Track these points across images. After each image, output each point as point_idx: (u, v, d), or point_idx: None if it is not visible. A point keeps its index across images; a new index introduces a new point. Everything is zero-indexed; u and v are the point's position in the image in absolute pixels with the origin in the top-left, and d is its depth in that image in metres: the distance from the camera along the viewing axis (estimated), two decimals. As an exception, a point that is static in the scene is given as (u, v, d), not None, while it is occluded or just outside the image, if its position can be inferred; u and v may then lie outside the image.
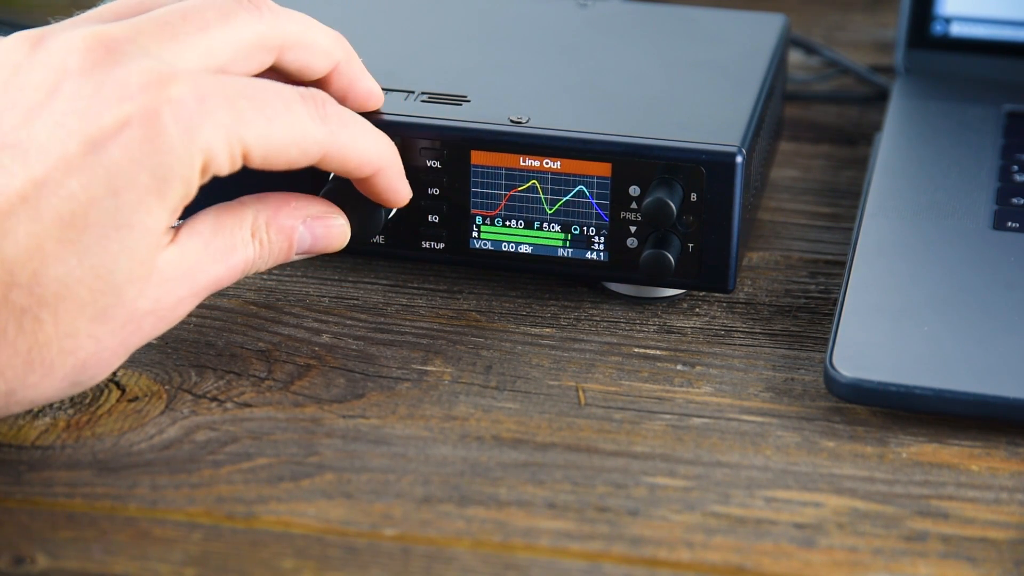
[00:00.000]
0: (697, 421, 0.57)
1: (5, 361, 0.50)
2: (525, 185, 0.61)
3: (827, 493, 0.54)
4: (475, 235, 0.62)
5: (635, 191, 0.61)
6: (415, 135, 0.61)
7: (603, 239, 0.62)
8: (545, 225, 0.62)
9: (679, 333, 0.62)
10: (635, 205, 0.61)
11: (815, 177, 0.75)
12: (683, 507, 0.53)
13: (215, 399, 0.58)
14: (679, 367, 0.61)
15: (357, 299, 0.64)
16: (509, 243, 0.62)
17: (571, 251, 0.62)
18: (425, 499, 0.53)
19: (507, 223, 0.62)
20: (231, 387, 0.59)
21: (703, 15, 0.73)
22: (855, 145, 0.78)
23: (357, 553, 0.51)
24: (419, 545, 0.51)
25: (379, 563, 0.50)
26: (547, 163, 0.61)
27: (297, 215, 0.57)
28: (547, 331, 0.62)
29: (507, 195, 0.62)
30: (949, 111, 0.74)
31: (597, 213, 0.61)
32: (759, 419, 0.57)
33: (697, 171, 0.60)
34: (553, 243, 0.62)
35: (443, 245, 0.63)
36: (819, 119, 0.81)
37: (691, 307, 0.64)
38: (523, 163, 0.61)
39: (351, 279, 0.66)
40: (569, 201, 0.61)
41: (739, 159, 0.60)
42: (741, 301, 0.65)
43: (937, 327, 0.59)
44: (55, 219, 0.50)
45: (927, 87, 0.76)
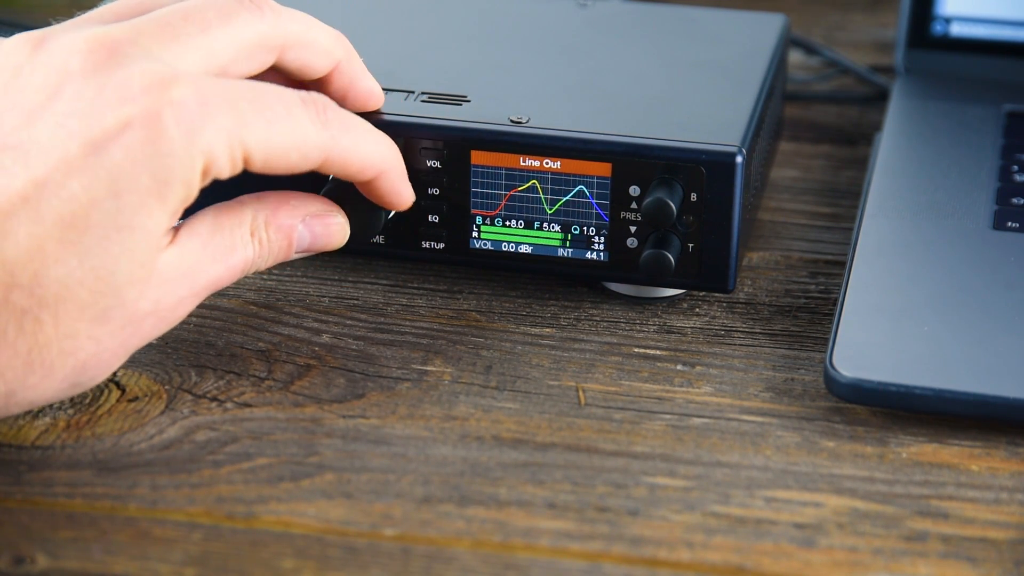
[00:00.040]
0: (697, 421, 0.57)
1: (5, 362, 0.50)
2: (525, 185, 0.61)
3: (827, 493, 0.54)
4: (475, 235, 0.62)
5: (635, 191, 0.61)
6: (415, 135, 0.61)
7: (603, 239, 0.62)
8: (545, 225, 0.62)
9: (679, 333, 0.62)
10: (635, 205, 0.61)
11: (815, 177, 0.75)
12: (683, 507, 0.53)
13: (215, 399, 0.58)
14: (679, 367, 0.61)
15: (357, 299, 0.64)
16: (509, 243, 0.62)
17: (571, 251, 0.62)
18: (425, 499, 0.53)
19: (507, 223, 0.62)
20: (231, 387, 0.59)
21: (703, 15, 0.73)
22: (855, 145, 0.78)
23: (357, 553, 0.51)
24: (419, 545, 0.51)
25: (379, 563, 0.50)
26: (547, 163, 0.61)
27: (296, 214, 0.57)
28: (547, 331, 0.62)
29: (507, 195, 0.62)
30: (949, 111, 0.74)
31: (597, 213, 0.61)
32: (759, 419, 0.57)
33: (697, 171, 0.60)
34: (553, 243, 0.62)
35: (443, 245, 0.63)
36: (819, 119, 0.81)
37: (691, 307, 0.64)
38: (523, 163, 0.61)
39: (351, 279, 0.66)
40: (569, 201, 0.61)
41: (739, 159, 0.60)
42: (741, 301, 0.65)
43: (937, 327, 0.59)
44: (56, 220, 0.50)
45: (927, 87, 0.76)
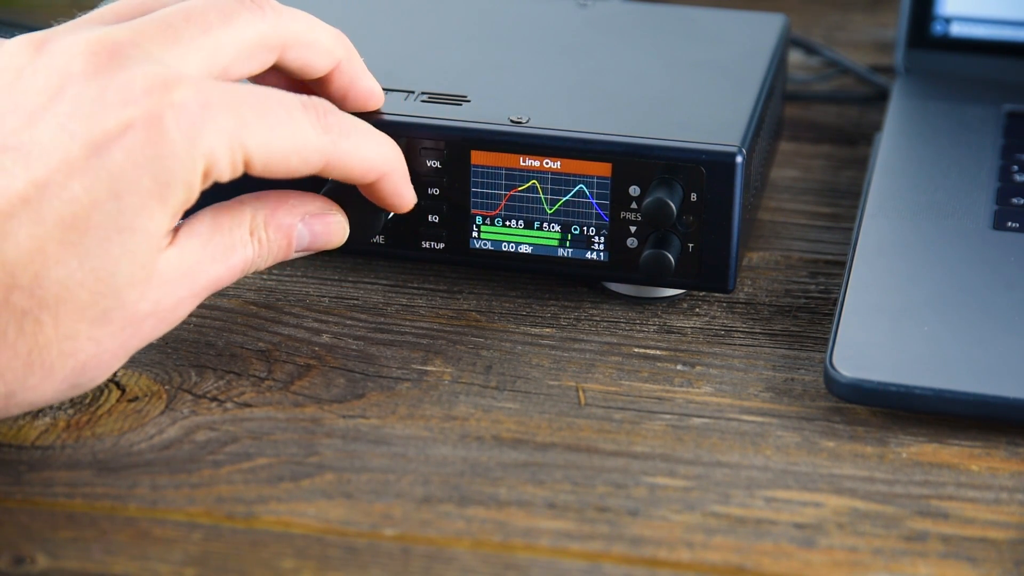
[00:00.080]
0: (697, 421, 0.57)
1: (5, 363, 0.50)
2: (525, 185, 0.61)
3: (827, 493, 0.54)
4: (475, 235, 0.62)
5: (635, 191, 0.61)
6: (415, 135, 0.61)
7: (603, 239, 0.62)
8: (545, 225, 0.62)
9: (679, 333, 0.62)
10: (635, 205, 0.61)
11: (815, 177, 0.75)
12: (683, 507, 0.53)
13: (215, 399, 0.58)
14: (679, 367, 0.60)
15: (357, 299, 0.64)
16: (509, 243, 0.62)
17: (571, 251, 0.62)
18: (425, 499, 0.53)
19: (507, 223, 0.62)
20: (231, 387, 0.59)
21: (703, 15, 0.73)
22: (855, 145, 0.78)
23: (357, 553, 0.51)
24: (419, 545, 0.51)
25: (379, 563, 0.50)
26: (547, 163, 0.61)
27: (295, 213, 0.57)
28: (547, 331, 0.62)
29: (507, 195, 0.62)
30: (949, 111, 0.74)
31: (597, 213, 0.61)
32: (759, 419, 0.57)
33: (697, 171, 0.60)
34: (553, 243, 0.62)
35: (443, 245, 0.63)
36: (819, 119, 0.81)
37: (691, 307, 0.64)
38: (523, 163, 0.61)
39: (351, 279, 0.66)
40: (569, 201, 0.61)
41: (739, 159, 0.60)
42: (741, 301, 0.65)
43: (937, 327, 0.59)
44: (57, 221, 0.50)
45: (927, 87, 0.76)
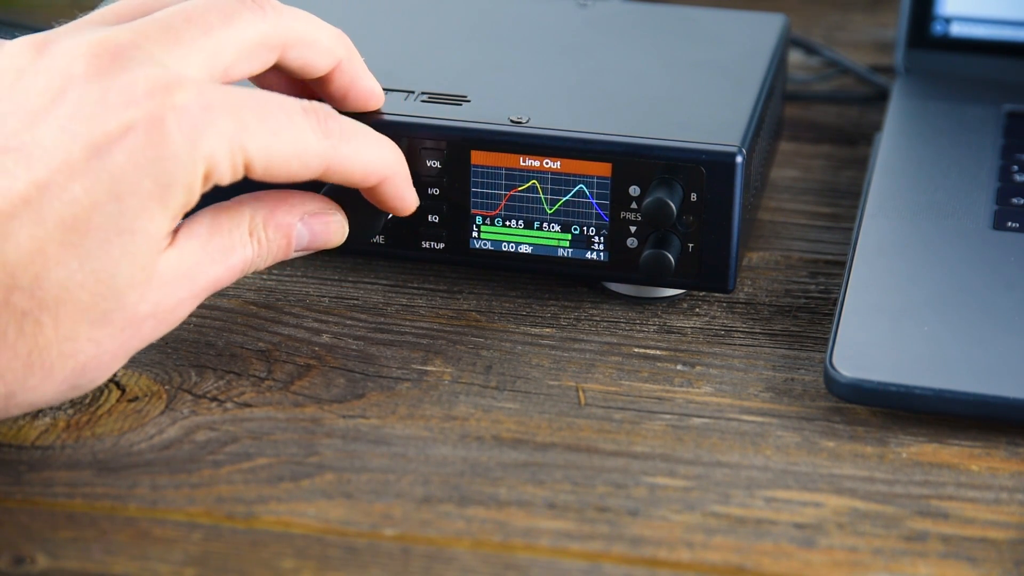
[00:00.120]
0: (697, 421, 0.57)
1: (5, 364, 0.50)
2: (525, 185, 0.61)
3: (827, 493, 0.54)
4: (475, 235, 0.62)
5: (635, 191, 0.61)
6: (415, 135, 0.61)
7: (603, 239, 0.62)
8: (545, 225, 0.62)
9: (679, 333, 0.62)
10: (635, 205, 0.61)
11: (815, 177, 0.75)
12: (683, 507, 0.53)
13: (215, 399, 0.58)
14: (679, 367, 0.60)
15: (357, 299, 0.64)
16: (509, 243, 0.62)
17: (571, 251, 0.62)
18: (425, 499, 0.53)
19: (507, 223, 0.62)
20: (231, 387, 0.59)
21: (703, 15, 0.73)
22: (855, 145, 0.78)
23: (357, 553, 0.51)
24: (419, 545, 0.51)
25: (379, 563, 0.50)
26: (547, 163, 0.61)
27: (294, 212, 0.57)
28: (547, 331, 0.62)
29: (507, 195, 0.62)
30: (949, 111, 0.74)
31: (597, 213, 0.61)
32: (759, 419, 0.57)
33: (697, 171, 0.60)
34: (553, 243, 0.62)
35: (443, 245, 0.63)
36: (819, 119, 0.81)
37: (691, 307, 0.64)
38: (523, 163, 0.61)
39: (351, 279, 0.66)
40: (569, 201, 0.61)
41: (739, 159, 0.60)
42: (741, 301, 0.65)
43: (937, 327, 0.59)
44: (57, 223, 0.50)
45: (927, 87, 0.76)
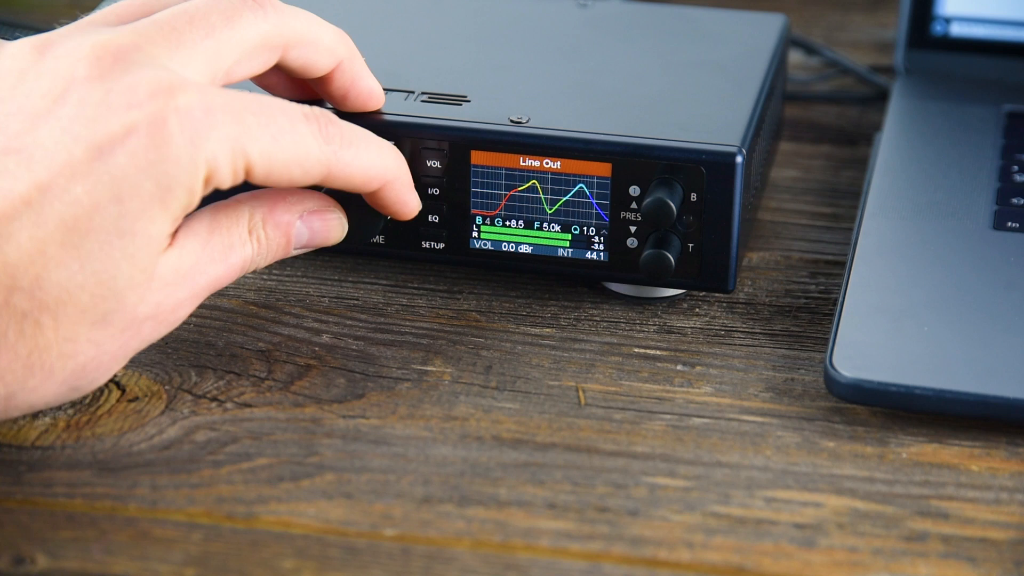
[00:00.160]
0: (697, 421, 0.57)
1: (5, 365, 0.50)
2: (525, 185, 0.61)
3: (827, 493, 0.54)
4: (475, 235, 0.62)
5: (635, 191, 0.61)
6: (415, 135, 0.61)
7: (603, 239, 0.62)
8: (545, 225, 0.62)
9: (679, 333, 0.62)
10: (635, 205, 0.61)
11: (815, 177, 0.75)
12: (683, 507, 0.53)
13: (215, 399, 0.58)
14: (679, 367, 0.60)
15: (357, 299, 0.64)
16: (509, 243, 0.62)
17: (571, 251, 0.62)
18: (425, 499, 0.53)
19: (507, 223, 0.62)
20: (231, 387, 0.59)
21: (703, 15, 0.73)
22: (855, 145, 0.78)
23: (357, 553, 0.51)
24: (419, 545, 0.51)
25: (379, 563, 0.50)
26: (547, 163, 0.61)
27: (293, 210, 0.57)
28: (547, 331, 0.62)
29: (507, 195, 0.62)
30: (949, 111, 0.74)
31: (597, 213, 0.61)
32: (759, 419, 0.57)
33: (697, 171, 0.60)
34: (553, 243, 0.62)
35: (443, 245, 0.63)
36: (819, 119, 0.81)
37: (691, 307, 0.64)
38: (523, 163, 0.61)
39: (351, 279, 0.66)
40: (569, 201, 0.61)
41: (739, 159, 0.60)
42: (741, 301, 0.65)
43: (937, 327, 0.59)
44: (58, 224, 0.50)
45: (927, 87, 0.76)
